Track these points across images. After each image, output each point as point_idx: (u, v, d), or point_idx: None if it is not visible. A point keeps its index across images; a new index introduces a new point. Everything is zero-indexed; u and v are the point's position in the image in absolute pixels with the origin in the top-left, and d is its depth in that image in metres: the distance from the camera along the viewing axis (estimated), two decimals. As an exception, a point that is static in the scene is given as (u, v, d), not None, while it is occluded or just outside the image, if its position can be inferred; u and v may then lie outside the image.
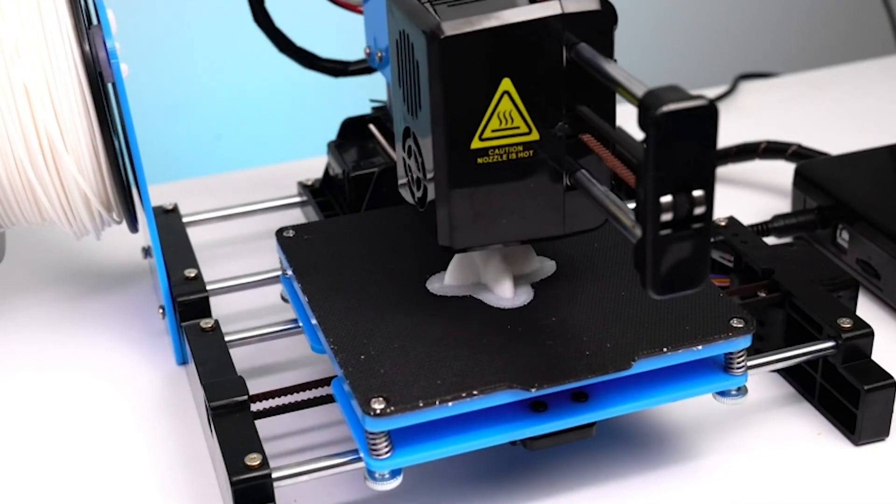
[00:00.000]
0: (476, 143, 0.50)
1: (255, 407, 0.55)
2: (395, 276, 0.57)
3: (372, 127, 0.73)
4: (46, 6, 0.57)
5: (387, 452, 0.49)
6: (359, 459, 0.51)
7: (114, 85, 0.59)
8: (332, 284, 0.57)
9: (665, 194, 0.41)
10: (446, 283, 0.56)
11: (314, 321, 0.55)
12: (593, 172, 0.50)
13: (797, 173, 0.75)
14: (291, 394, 0.57)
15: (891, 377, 0.56)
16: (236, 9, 1.13)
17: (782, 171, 0.81)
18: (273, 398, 0.57)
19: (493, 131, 0.49)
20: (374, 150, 0.71)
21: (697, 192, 0.42)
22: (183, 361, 0.65)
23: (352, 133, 0.73)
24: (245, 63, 1.18)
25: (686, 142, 0.41)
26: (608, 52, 0.49)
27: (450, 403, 0.49)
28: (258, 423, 0.54)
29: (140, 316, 0.70)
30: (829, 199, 0.72)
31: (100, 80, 0.58)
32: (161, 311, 0.65)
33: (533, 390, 0.49)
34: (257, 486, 0.50)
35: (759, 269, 0.62)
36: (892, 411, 0.57)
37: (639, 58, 1.05)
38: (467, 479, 0.56)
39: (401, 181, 0.56)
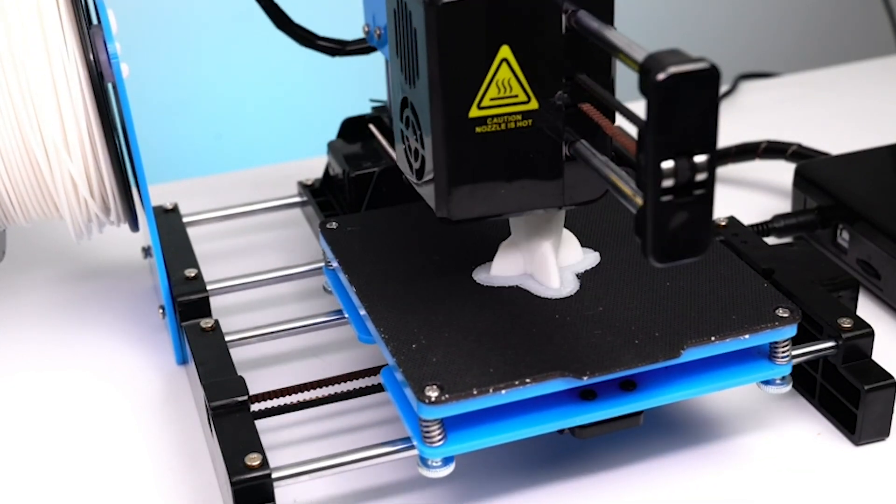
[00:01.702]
0: (474, 112, 0.49)
1: (255, 407, 0.55)
2: (441, 267, 0.58)
3: (372, 127, 0.73)
4: (47, 6, 0.57)
5: (440, 440, 0.50)
6: (359, 460, 0.51)
7: (114, 85, 0.59)
8: (378, 275, 0.57)
9: (666, 160, 0.41)
10: (493, 273, 0.57)
11: (363, 311, 0.55)
12: (593, 143, 0.50)
13: (797, 173, 0.75)
14: (291, 394, 0.57)
15: (891, 377, 0.56)
16: (236, 9, 1.13)
17: (782, 171, 0.81)
18: (273, 398, 0.57)
19: (491, 100, 0.49)
20: (374, 150, 0.71)
21: (699, 158, 0.42)
22: (183, 361, 0.65)
23: (352, 133, 0.73)
24: (245, 63, 1.18)
25: (688, 106, 0.41)
26: (608, 19, 0.49)
27: (503, 391, 0.49)
28: (258, 423, 0.54)
29: (140, 316, 0.70)
30: (829, 199, 0.72)
31: (100, 80, 0.58)
32: (161, 310, 0.65)
33: (585, 378, 0.49)
34: (257, 486, 0.50)
35: (760, 269, 0.62)
36: (892, 411, 0.57)
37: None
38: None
39: (398, 152, 0.56)
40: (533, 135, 0.50)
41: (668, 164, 0.41)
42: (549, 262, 0.55)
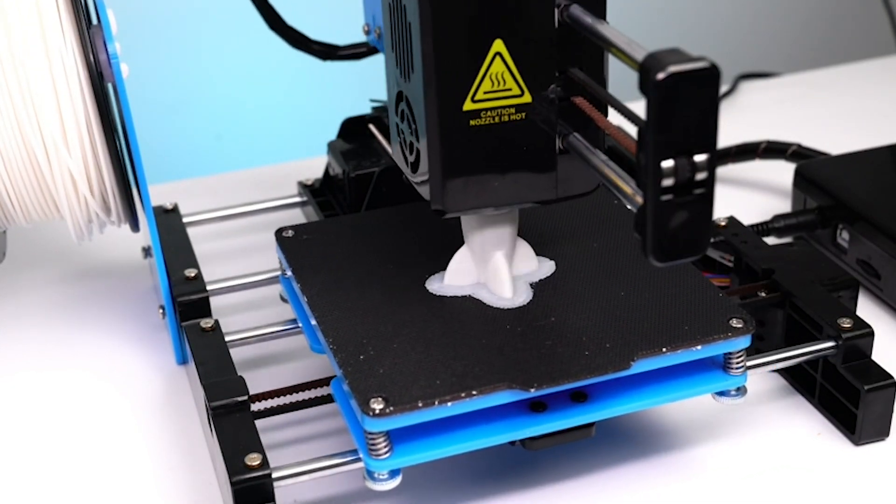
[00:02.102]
0: (468, 105, 0.49)
1: (255, 407, 0.55)
2: (395, 276, 0.57)
3: (372, 127, 0.73)
4: (47, 6, 0.57)
5: (386, 452, 0.49)
6: (358, 459, 0.51)
7: (114, 85, 0.59)
8: (331, 284, 0.57)
9: (666, 159, 0.41)
10: (446, 282, 0.56)
11: (313, 321, 0.55)
12: (586, 136, 0.50)
13: (797, 173, 0.75)
14: (291, 394, 0.57)
15: (891, 377, 0.56)
16: (236, 9, 1.13)
17: (782, 171, 0.81)
18: (273, 398, 0.57)
19: (485, 93, 0.49)
20: (374, 150, 0.71)
21: (699, 157, 0.42)
22: (183, 361, 0.65)
23: (352, 133, 0.73)
24: (245, 63, 1.18)
25: (688, 105, 0.41)
26: (600, 13, 0.49)
27: (449, 403, 0.49)
28: (258, 422, 0.54)
29: (140, 316, 0.70)
30: (829, 199, 0.72)
31: (100, 80, 0.58)
32: (161, 310, 0.65)
33: (532, 390, 0.49)
34: (257, 485, 0.50)
35: (760, 269, 0.62)
36: (892, 411, 0.57)
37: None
38: (466, 479, 0.56)
39: (394, 146, 0.56)
40: (526, 128, 0.50)
41: (668, 164, 0.41)
42: (501, 272, 0.55)
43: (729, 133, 0.79)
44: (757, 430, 0.59)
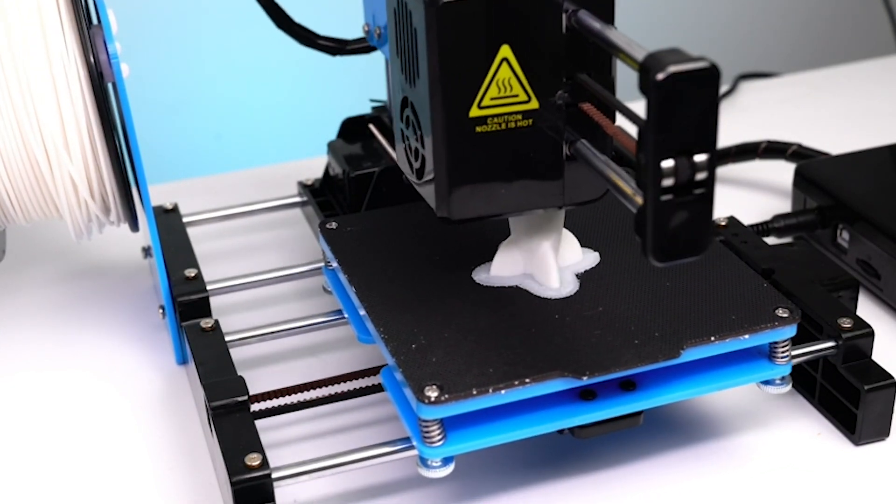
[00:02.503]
0: (475, 112, 0.49)
1: (255, 407, 0.55)
2: (441, 267, 0.58)
3: (372, 127, 0.73)
4: (47, 6, 0.57)
5: (440, 440, 0.50)
6: (359, 460, 0.51)
7: (114, 85, 0.59)
8: (378, 275, 0.57)
9: (666, 159, 0.41)
10: (492, 273, 0.57)
11: (363, 311, 0.55)
12: (594, 143, 0.50)
13: (797, 173, 0.75)
14: (291, 394, 0.57)
15: (891, 377, 0.56)
16: (236, 9, 1.13)
17: (782, 171, 0.81)
18: (273, 398, 0.57)
19: (491, 99, 0.49)
20: (374, 150, 0.71)
21: (699, 157, 0.42)
22: (183, 361, 0.65)
23: (352, 133, 0.73)
24: (245, 63, 1.18)
25: (688, 105, 0.41)
26: (608, 18, 0.49)
27: (502, 391, 0.49)
28: (258, 422, 0.54)
29: (140, 316, 0.70)
30: (829, 199, 0.72)
31: (100, 80, 0.58)
32: (161, 310, 0.65)
33: (585, 378, 0.49)
34: (257, 486, 0.50)
35: (760, 268, 0.62)
36: (892, 411, 0.57)
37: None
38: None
39: (398, 152, 0.56)
40: (533, 134, 0.50)
41: (668, 164, 0.41)
42: (548, 263, 0.55)
43: (729, 133, 0.79)
44: (757, 430, 0.59)
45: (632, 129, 0.44)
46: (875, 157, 0.76)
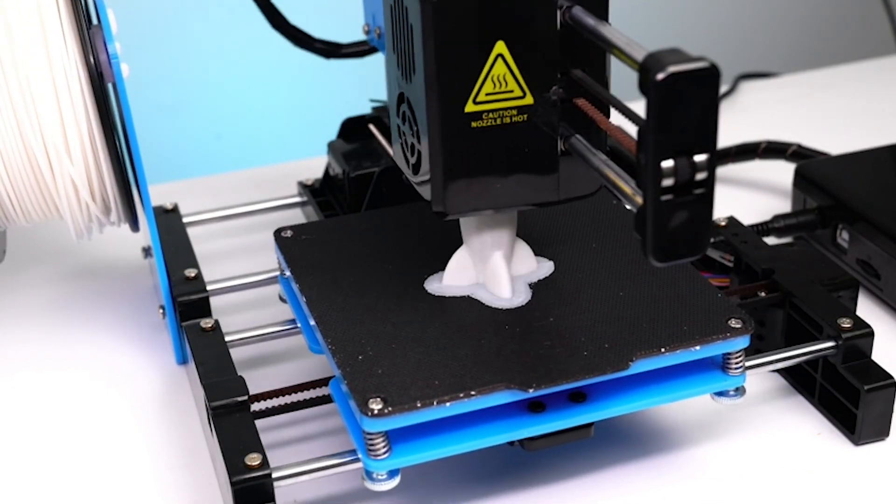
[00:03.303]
0: (470, 107, 0.49)
1: (255, 407, 0.55)
2: (394, 277, 0.57)
3: (372, 127, 0.73)
4: (47, 6, 0.57)
5: (385, 453, 0.49)
6: (358, 459, 0.51)
7: (114, 85, 0.59)
8: (330, 284, 0.57)
9: (666, 159, 0.41)
10: (444, 283, 0.56)
11: (312, 321, 0.55)
12: (589, 138, 0.50)
13: (797, 173, 0.75)
14: (291, 394, 0.57)
15: (891, 377, 0.56)
16: (236, 9, 1.13)
17: (782, 171, 0.81)
18: (273, 398, 0.57)
19: (486, 95, 0.49)
20: (374, 150, 0.71)
21: (699, 157, 0.42)
22: (183, 361, 0.65)
23: (352, 133, 0.73)
24: (245, 63, 1.18)
25: (688, 105, 0.41)
26: (603, 15, 0.49)
27: (447, 404, 0.49)
28: (258, 422, 0.54)
29: (140, 316, 0.70)
30: (829, 199, 0.72)
31: (100, 80, 0.58)
32: (161, 310, 0.65)
33: (531, 390, 0.49)
34: (257, 485, 0.50)
35: (760, 269, 0.62)
36: (892, 411, 0.57)
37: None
38: (465, 480, 0.56)
39: (395, 147, 0.56)
40: (528, 130, 0.50)
41: (668, 164, 0.41)
42: (500, 272, 0.55)
43: (729, 133, 0.79)
44: (757, 430, 0.59)
45: (631, 129, 0.44)
46: (875, 157, 0.76)
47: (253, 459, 0.50)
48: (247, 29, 1.11)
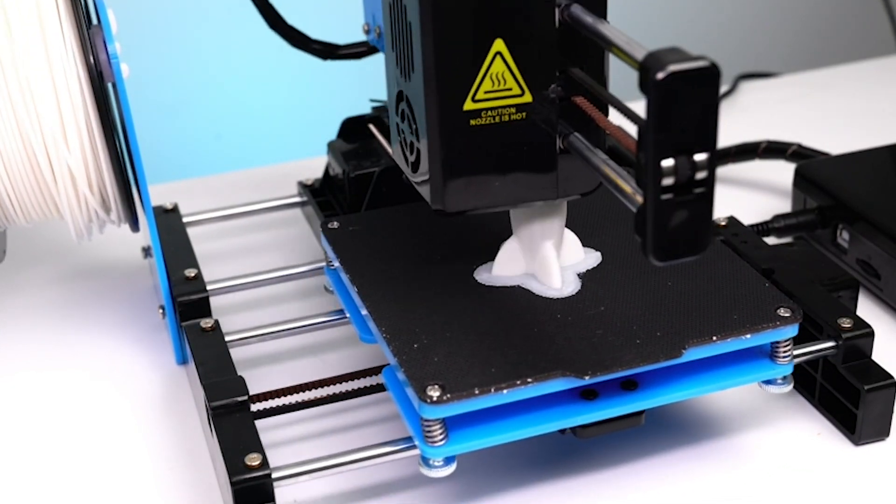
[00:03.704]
0: (469, 105, 0.49)
1: (255, 407, 0.55)
2: (443, 267, 0.58)
3: (372, 127, 0.73)
4: (47, 6, 0.57)
5: (442, 439, 0.50)
6: (360, 460, 0.51)
7: (114, 85, 0.59)
8: (380, 275, 0.57)
9: (666, 158, 0.41)
10: (494, 273, 0.57)
11: (365, 311, 0.55)
12: (587, 136, 0.50)
13: (797, 173, 0.75)
14: (291, 394, 0.57)
15: (891, 377, 0.56)
16: (236, 9, 1.13)
17: (782, 171, 0.81)
18: (273, 398, 0.57)
19: (485, 93, 0.49)
20: (374, 150, 0.71)
21: (700, 156, 0.42)
22: (183, 361, 0.65)
23: (352, 133, 0.73)
24: (245, 63, 1.18)
25: (688, 104, 0.41)
26: (601, 13, 0.49)
27: (504, 391, 0.49)
28: (258, 422, 0.54)
29: (140, 316, 0.70)
30: (829, 199, 0.72)
31: (100, 80, 0.58)
32: (161, 310, 0.65)
33: (587, 378, 0.49)
34: (257, 486, 0.50)
35: (760, 268, 0.62)
36: (892, 411, 0.57)
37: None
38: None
39: (394, 146, 0.56)
40: (527, 128, 0.50)
41: (668, 163, 0.41)
42: (550, 262, 0.55)
43: (729, 133, 0.79)
44: (757, 430, 0.59)
45: (631, 128, 0.44)
46: (875, 157, 0.76)
47: (253, 459, 0.50)
48: (247, 29, 1.11)
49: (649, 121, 0.41)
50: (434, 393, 0.48)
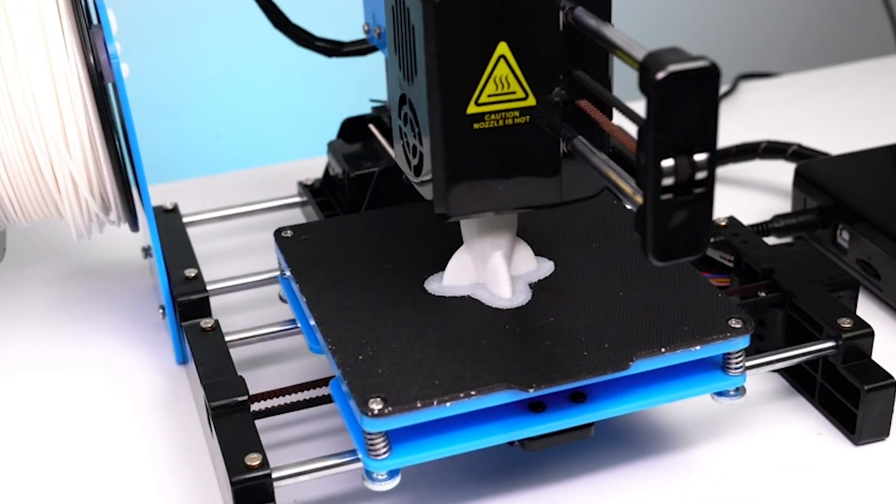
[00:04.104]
0: (472, 109, 0.49)
1: (255, 407, 0.55)
2: (394, 277, 0.57)
3: (372, 127, 0.73)
4: (47, 6, 0.57)
5: (385, 453, 0.49)
6: (357, 460, 0.51)
7: (114, 85, 0.59)
8: (330, 284, 0.57)
9: (666, 158, 0.41)
10: (444, 283, 0.56)
11: (312, 321, 0.55)
12: (591, 140, 0.50)
13: (797, 173, 0.75)
14: (291, 394, 0.57)
15: (891, 377, 0.56)
16: (236, 9, 1.13)
17: (782, 171, 0.81)
18: (273, 398, 0.57)
19: (489, 96, 0.49)
20: (374, 150, 0.71)
21: (699, 157, 0.41)
22: (183, 361, 0.65)
23: (352, 133, 0.73)
24: (245, 63, 1.18)
25: (688, 104, 0.41)
26: (605, 16, 0.49)
27: (447, 404, 0.49)
28: (258, 422, 0.54)
29: (140, 316, 0.70)
30: (829, 199, 0.72)
31: (100, 80, 0.58)
32: (161, 310, 0.65)
33: (531, 390, 0.49)
34: (257, 485, 0.50)
35: (760, 269, 0.62)
36: (892, 411, 0.57)
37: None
38: (465, 480, 0.56)
39: (396, 149, 0.55)
40: (530, 131, 0.50)
41: (668, 163, 0.41)
42: (500, 272, 0.55)
43: (729, 133, 0.79)
44: (757, 430, 0.59)
45: (631, 128, 0.44)
46: (875, 157, 0.76)
47: (253, 459, 0.50)
48: (247, 29, 1.11)
49: (649, 121, 0.41)
50: (376, 406, 0.48)
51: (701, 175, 0.42)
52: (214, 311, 0.63)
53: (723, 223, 0.66)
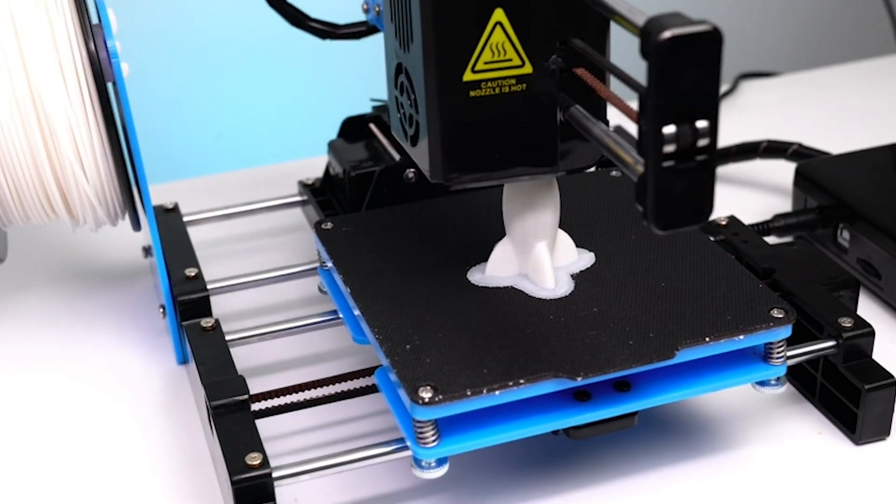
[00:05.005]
0: (468, 76, 0.49)
1: (255, 406, 0.55)
2: (436, 268, 0.58)
3: (372, 126, 0.73)
4: (48, 5, 0.57)
5: (434, 441, 0.49)
6: (359, 459, 0.51)
7: (114, 84, 0.59)
8: (373, 275, 0.57)
9: (667, 124, 0.41)
10: (487, 273, 0.56)
11: (357, 312, 0.55)
12: (588, 108, 0.49)
13: (798, 173, 0.75)
14: (292, 393, 0.57)
15: (891, 377, 0.56)
16: (237, 9, 1.13)
17: (783, 171, 0.81)
18: (273, 398, 0.57)
19: (485, 63, 0.49)
20: (374, 150, 0.71)
21: (701, 123, 0.41)
22: (183, 361, 0.65)
23: (352, 132, 0.73)
24: (245, 62, 1.18)
25: (689, 69, 0.40)
26: None
27: (497, 392, 0.49)
28: (258, 422, 0.54)
29: (140, 315, 0.70)
30: (829, 199, 0.72)
31: (101, 79, 0.58)
32: (161, 310, 0.65)
33: (579, 379, 0.49)
34: (258, 485, 0.50)
35: (760, 268, 0.62)
36: (892, 411, 0.57)
37: (638, 56, 1.04)
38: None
39: (392, 120, 0.55)
40: (527, 99, 0.50)
41: (669, 130, 0.41)
42: (543, 263, 0.55)
43: (729, 133, 0.80)
44: (757, 430, 0.59)
45: (631, 101, 0.44)
46: (875, 156, 0.76)
47: (253, 459, 0.50)
48: (247, 28, 1.11)
49: (650, 86, 0.40)
50: (426, 394, 0.48)
51: (703, 142, 0.41)
52: (214, 310, 0.63)
53: (723, 222, 0.66)
